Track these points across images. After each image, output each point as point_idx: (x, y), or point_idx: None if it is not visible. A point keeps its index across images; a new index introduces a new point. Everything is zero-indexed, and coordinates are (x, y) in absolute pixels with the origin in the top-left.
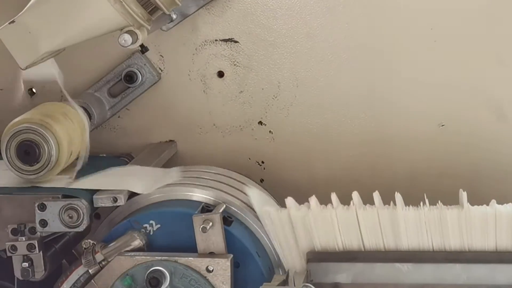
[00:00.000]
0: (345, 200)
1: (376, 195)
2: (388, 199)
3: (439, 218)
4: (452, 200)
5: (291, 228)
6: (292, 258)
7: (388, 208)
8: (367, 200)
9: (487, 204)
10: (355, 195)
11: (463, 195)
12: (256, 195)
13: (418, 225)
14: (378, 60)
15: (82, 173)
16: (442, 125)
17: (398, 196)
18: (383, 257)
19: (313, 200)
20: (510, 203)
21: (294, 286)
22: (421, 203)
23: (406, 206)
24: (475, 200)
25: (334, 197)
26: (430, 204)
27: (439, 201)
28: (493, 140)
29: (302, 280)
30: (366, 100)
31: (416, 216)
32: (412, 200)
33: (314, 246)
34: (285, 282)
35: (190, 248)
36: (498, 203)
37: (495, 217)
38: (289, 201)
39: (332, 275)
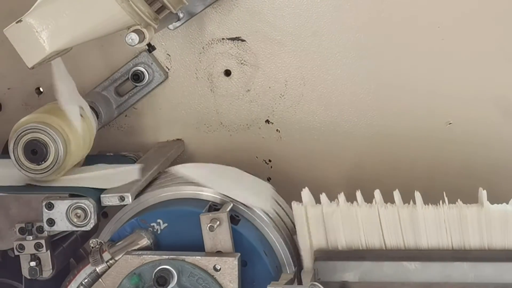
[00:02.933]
0: (353, 199)
1: (397, 194)
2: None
3: (458, 216)
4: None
5: (322, 225)
6: (308, 256)
7: (408, 207)
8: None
9: (507, 203)
10: (377, 193)
11: (483, 194)
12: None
13: (438, 224)
14: (385, 58)
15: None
16: (450, 123)
17: (417, 195)
18: (390, 256)
19: (342, 197)
20: None
21: (302, 285)
22: (441, 202)
23: (425, 204)
24: (493, 199)
25: (359, 194)
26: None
27: (459, 200)
28: (506, 139)
29: (310, 279)
30: (374, 98)
31: (436, 214)
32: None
33: (328, 244)
34: (292, 280)
35: (198, 247)
36: None
37: None
38: (323, 197)
39: (340, 273)
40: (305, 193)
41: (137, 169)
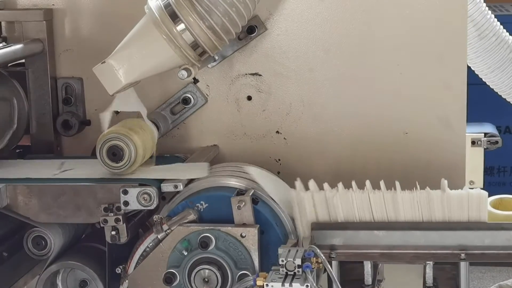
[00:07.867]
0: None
1: (382, 183)
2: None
3: (427, 198)
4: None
5: (325, 206)
6: (305, 228)
7: (390, 192)
8: (360, 186)
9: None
10: (367, 183)
11: (444, 183)
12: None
13: (412, 204)
14: (359, 88)
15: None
16: (406, 133)
17: (397, 183)
18: (365, 226)
19: (340, 184)
20: None
21: (303, 246)
22: (414, 188)
23: (402, 190)
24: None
25: (353, 183)
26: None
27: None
28: (443, 145)
29: (308, 243)
30: (352, 115)
31: (411, 197)
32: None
33: (330, 219)
34: (296, 244)
35: (229, 220)
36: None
37: (468, 197)
38: (326, 185)
39: (329, 239)
40: (312, 184)
41: (206, 166)
